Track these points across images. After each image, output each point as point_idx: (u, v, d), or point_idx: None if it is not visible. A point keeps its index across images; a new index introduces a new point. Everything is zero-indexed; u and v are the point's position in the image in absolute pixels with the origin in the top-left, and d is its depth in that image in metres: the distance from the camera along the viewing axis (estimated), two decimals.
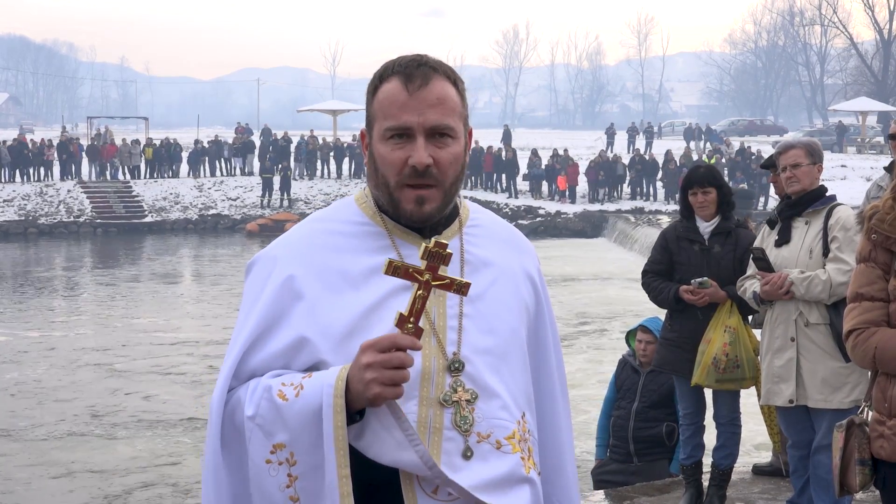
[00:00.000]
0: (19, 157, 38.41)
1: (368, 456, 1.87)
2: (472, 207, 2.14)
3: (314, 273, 1.96)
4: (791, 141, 5.11)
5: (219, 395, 1.93)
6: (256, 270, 2.02)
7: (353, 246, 2.00)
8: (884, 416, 3.05)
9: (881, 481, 3.13)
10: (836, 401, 4.75)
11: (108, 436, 12.13)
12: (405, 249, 1.99)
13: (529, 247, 2.19)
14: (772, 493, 6.02)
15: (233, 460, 1.93)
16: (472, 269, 2.03)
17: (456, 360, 1.95)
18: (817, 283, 4.70)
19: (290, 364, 1.94)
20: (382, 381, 1.80)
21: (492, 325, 1.99)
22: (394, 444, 1.85)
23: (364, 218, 2.03)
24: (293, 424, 1.86)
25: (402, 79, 1.95)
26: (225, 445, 1.93)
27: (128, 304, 21.95)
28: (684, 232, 5.58)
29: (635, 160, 38.03)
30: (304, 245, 2.01)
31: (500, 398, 1.97)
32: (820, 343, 4.80)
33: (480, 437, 1.93)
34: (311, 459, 1.85)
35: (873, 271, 3.06)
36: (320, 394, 1.84)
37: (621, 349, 7.29)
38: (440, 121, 1.95)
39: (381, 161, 1.97)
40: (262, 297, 1.96)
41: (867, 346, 3.03)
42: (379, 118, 1.97)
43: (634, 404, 6.22)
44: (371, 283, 1.95)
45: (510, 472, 1.95)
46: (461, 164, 2.00)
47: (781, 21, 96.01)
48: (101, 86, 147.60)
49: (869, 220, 3.08)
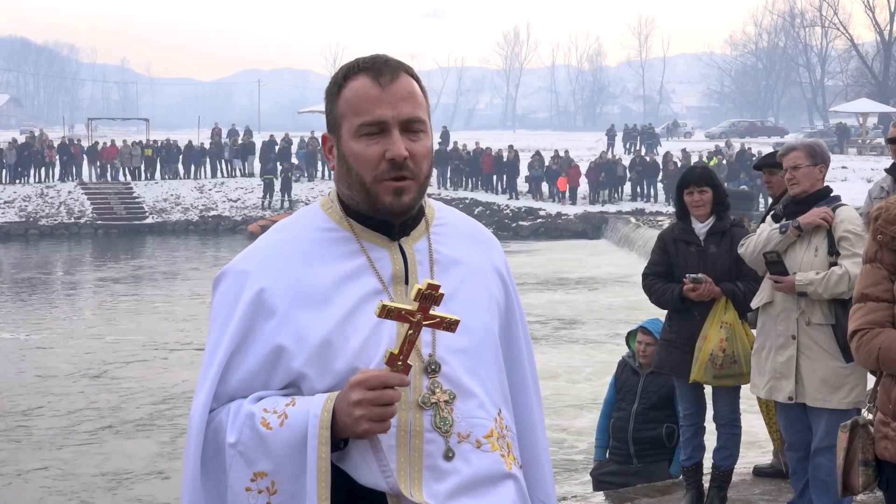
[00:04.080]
0: (21, 158, 38.46)
1: (351, 476, 1.89)
2: (436, 206, 2.14)
3: (285, 285, 1.94)
4: (793, 143, 5.12)
5: (199, 416, 1.91)
6: (225, 285, 1.99)
7: (321, 253, 1.98)
8: (888, 418, 3.05)
9: (885, 482, 3.12)
10: (835, 401, 4.76)
11: (109, 436, 12.13)
12: (374, 252, 1.99)
13: (495, 242, 2.19)
14: (773, 494, 6.01)
15: (212, 484, 1.92)
16: (442, 268, 2.03)
17: (432, 362, 1.95)
18: (835, 278, 4.70)
19: (268, 383, 1.92)
20: (372, 417, 1.81)
21: (465, 323, 1.96)
22: (370, 472, 1.87)
23: (331, 223, 2.02)
24: (277, 454, 1.86)
25: (372, 74, 1.95)
26: (204, 468, 1.91)
27: (128, 305, 21.96)
28: (680, 234, 5.61)
29: (636, 161, 38.07)
30: (272, 256, 1.98)
31: (476, 397, 1.98)
32: (821, 342, 4.80)
33: (461, 437, 1.94)
34: (293, 488, 1.86)
35: (879, 272, 3.06)
36: (305, 424, 1.84)
37: (621, 350, 7.29)
38: (413, 113, 1.95)
39: (356, 158, 1.95)
40: (235, 313, 1.94)
41: (871, 347, 3.02)
42: (349, 116, 1.96)
43: (634, 406, 6.22)
44: (342, 292, 1.94)
45: (491, 469, 1.96)
46: (431, 158, 2.01)
47: (782, 22, 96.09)
48: (102, 87, 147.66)
49: (875, 220, 3.07)
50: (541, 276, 24.98)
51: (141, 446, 11.69)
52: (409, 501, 1.88)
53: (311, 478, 1.82)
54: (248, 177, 40.77)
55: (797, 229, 4.89)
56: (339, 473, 1.87)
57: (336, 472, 1.86)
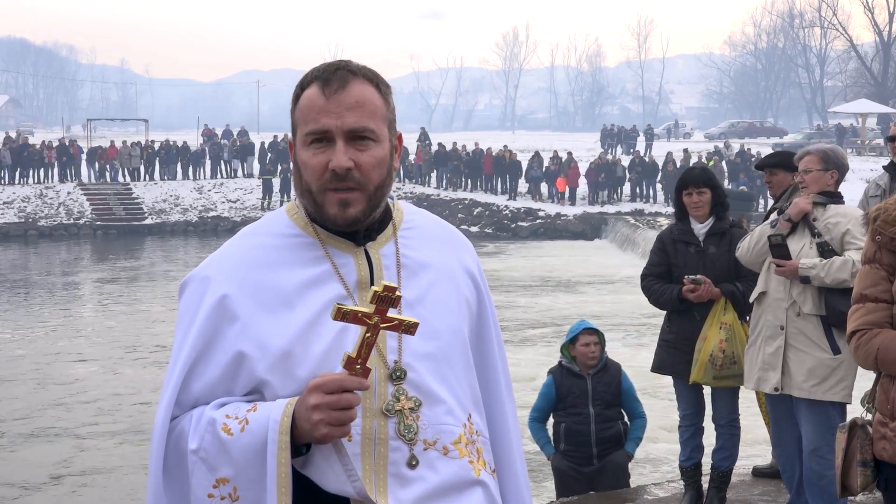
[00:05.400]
0: (19, 158, 38.45)
1: (315, 482, 1.88)
2: (406, 209, 2.11)
3: (248, 291, 1.93)
4: (809, 147, 5.15)
5: (161, 423, 1.90)
6: (189, 291, 1.98)
7: (285, 259, 1.96)
8: (886, 418, 3.05)
9: (883, 483, 3.12)
10: (820, 392, 4.76)
11: (106, 438, 12.12)
12: (339, 258, 1.98)
13: (467, 243, 2.17)
14: (772, 494, 6.01)
15: (174, 490, 1.91)
16: (410, 272, 2.01)
17: (398, 368, 1.93)
18: (839, 263, 4.71)
19: (231, 389, 1.91)
20: (330, 422, 1.80)
21: (433, 328, 1.96)
22: (335, 477, 1.86)
23: (296, 229, 2.00)
24: (238, 459, 1.85)
25: (320, 84, 1.94)
26: (167, 474, 1.91)
27: (128, 305, 21.95)
28: (679, 234, 5.61)
29: (635, 162, 38.07)
30: (235, 262, 1.97)
31: (444, 403, 1.96)
32: (809, 333, 4.81)
33: (427, 444, 1.92)
34: (254, 494, 1.85)
35: (878, 273, 3.06)
36: (265, 429, 1.83)
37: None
38: (358, 123, 1.92)
39: (304, 166, 1.94)
40: (197, 320, 1.92)
41: (869, 348, 3.02)
42: (300, 124, 1.96)
43: (590, 409, 6.08)
44: (306, 298, 1.93)
45: (458, 477, 1.94)
46: (387, 167, 1.97)
47: (781, 23, 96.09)
48: (101, 88, 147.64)
49: (874, 221, 3.07)
50: (540, 276, 24.98)
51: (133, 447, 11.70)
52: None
53: (272, 483, 1.81)
54: (247, 177, 40.76)
55: (788, 221, 4.91)
56: (302, 480, 1.86)
57: (300, 479, 1.85)
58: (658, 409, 10.94)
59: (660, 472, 9.92)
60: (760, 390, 5.12)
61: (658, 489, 6.33)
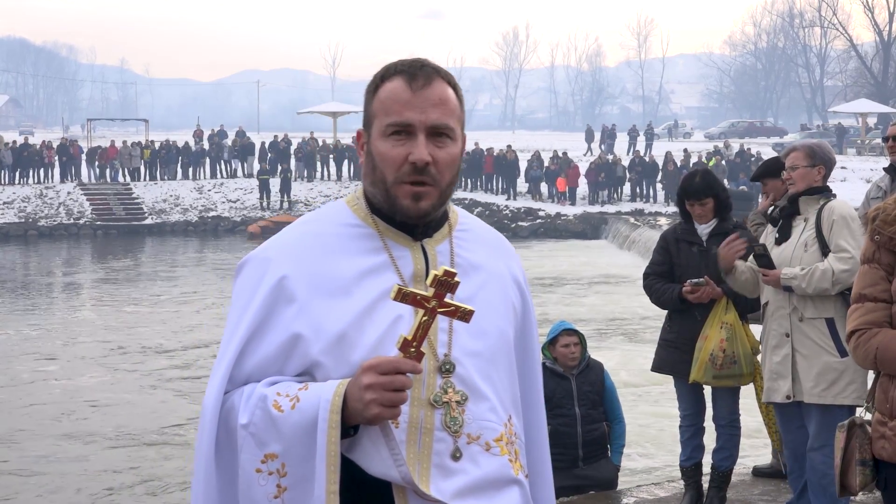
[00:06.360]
0: (19, 158, 38.46)
1: (359, 465, 1.89)
2: (460, 213, 2.16)
3: (306, 275, 1.96)
4: (795, 143, 5.14)
5: (213, 398, 1.93)
6: (248, 271, 2.02)
7: (345, 248, 2.00)
8: (885, 417, 3.05)
9: (882, 482, 3.12)
10: (831, 396, 4.73)
11: (106, 438, 12.13)
12: (396, 251, 2.02)
13: (514, 253, 2.23)
14: (772, 494, 6.01)
15: (224, 465, 1.94)
16: (462, 272, 2.04)
17: (447, 362, 1.97)
18: (818, 274, 4.69)
19: (283, 369, 1.94)
20: (382, 402, 1.82)
21: (482, 327, 1.99)
22: (381, 461, 1.87)
23: (356, 220, 2.05)
24: (287, 436, 1.87)
25: (406, 77, 1.98)
26: (217, 450, 1.93)
27: (129, 306, 21.95)
28: (683, 234, 5.62)
29: (635, 162, 38.07)
30: (296, 247, 2.01)
31: (488, 400, 1.99)
32: (815, 338, 4.79)
33: (470, 438, 1.95)
34: (302, 471, 1.87)
35: (877, 272, 3.06)
36: (316, 408, 1.85)
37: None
38: (441, 120, 1.97)
39: (381, 158, 1.98)
40: (255, 299, 1.96)
41: (869, 347, 3.03)
42: (380, 115, 1.99)
43: (576, 410, 6.01)
44: (363, 286, 1.97)
45: (499, 473, 1.97)
46: (457, 166, 2.03)
47: (781, 23, 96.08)
48: (101, 88, 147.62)
49: (873, 221, 3.08)
50: (540, 276, 24.97)
51: (133, 447, 11.70)
52: (415, 497, 1.88)
53: (321, 461, 1.84)
54: (247, 177, 40.77)
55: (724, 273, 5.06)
56: (345, 463, 1.88)
57: (344, 462, 1.87)
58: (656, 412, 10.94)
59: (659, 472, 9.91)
60: (771, 401, 5.06)
61: (658, 489, 6.33)
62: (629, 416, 6.66)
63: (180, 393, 14.06)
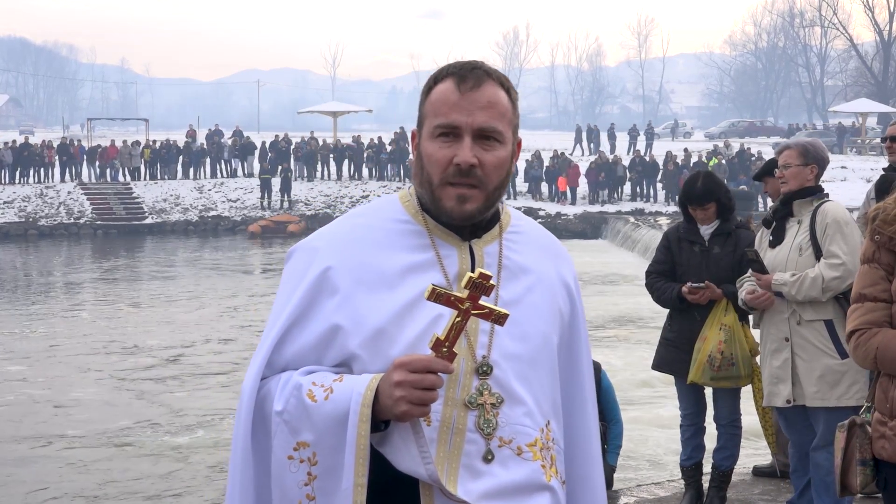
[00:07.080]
0: (20, 158, 38.46)
1: (389, 460, 1.91)
2: (514, 214, 2.15)
3: (351, 267, 1.98)
4: (788, 141, 5.14)
5: (251, 383, 1.96)
6: (295, 259, 2.05)
7: (392, 243, 2.02)
8: (885, 417, 3.05)
9: (882, 482, 3.12)
10: (833, 398, 4.73)
11: (107, 437, 12.13)
12: (444, 250, 2.02)
13: (568, 256, 2.21)
14: (772, 494, 6.01)
15: (258, 449, 1.96)
16: (510, 274, 2.04)
17: (484, 364, 1.96)
18: (808, 281, 4.69)
19: (321, 359, 1.96)
20: (411, 400, 1.83)
21: (524, 331, 1.99)
22: (409, 457, 1.88)
23: (406, 216, 2.06)
24: (319, 426, 1.89)
25: (456, 80, 2.00)
26: (253, 433, 1.96)
27: (129, 306, 21.95)
28: (685, 233, 5.62)
29: (635, 161, 38.07)
30: (344, 239, 2.03)
31: (525, 405, 1.98)
32: (815, 341, 4.78)
33: (502, 441, 1.94)
34: (332, 461, 1.89)
35: (876, 272, 3.06)
36: (349, 400, 1.87)
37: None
38: (488, 123, 1.98)
39: (428, 158, 2.00)
40: (299, 288, 1.99)
41: (868, 347, 3.02)
42: (430, 116, 2.01)
43: None
44: (406, 282, 1.97)
45: (529, 478, 1.96)
46: (506, 169, 2.01)
47: (781, 22, 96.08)
48: (102, 87, 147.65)
49: (872, 221, 3.07)
50: None
51: (135, 448, 11.69)
52: (441, 496, 1.89)
53: (350, 453, 1.86)
54: (247, 177, 40.77)
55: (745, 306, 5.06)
56: (375, 457, 1.89)
57: (374, 456, 1.88)
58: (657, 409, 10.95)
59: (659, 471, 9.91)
60: (772, 405, 5.06)
61: (658, 489, 6.33)
62: (626, 416, 6.66)
63: (157, 393, 14.04)
